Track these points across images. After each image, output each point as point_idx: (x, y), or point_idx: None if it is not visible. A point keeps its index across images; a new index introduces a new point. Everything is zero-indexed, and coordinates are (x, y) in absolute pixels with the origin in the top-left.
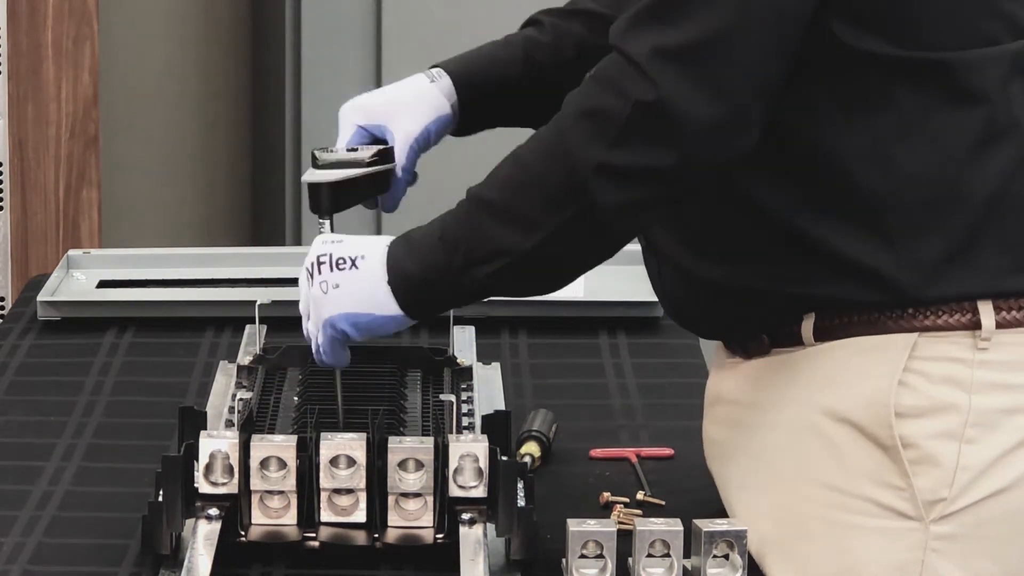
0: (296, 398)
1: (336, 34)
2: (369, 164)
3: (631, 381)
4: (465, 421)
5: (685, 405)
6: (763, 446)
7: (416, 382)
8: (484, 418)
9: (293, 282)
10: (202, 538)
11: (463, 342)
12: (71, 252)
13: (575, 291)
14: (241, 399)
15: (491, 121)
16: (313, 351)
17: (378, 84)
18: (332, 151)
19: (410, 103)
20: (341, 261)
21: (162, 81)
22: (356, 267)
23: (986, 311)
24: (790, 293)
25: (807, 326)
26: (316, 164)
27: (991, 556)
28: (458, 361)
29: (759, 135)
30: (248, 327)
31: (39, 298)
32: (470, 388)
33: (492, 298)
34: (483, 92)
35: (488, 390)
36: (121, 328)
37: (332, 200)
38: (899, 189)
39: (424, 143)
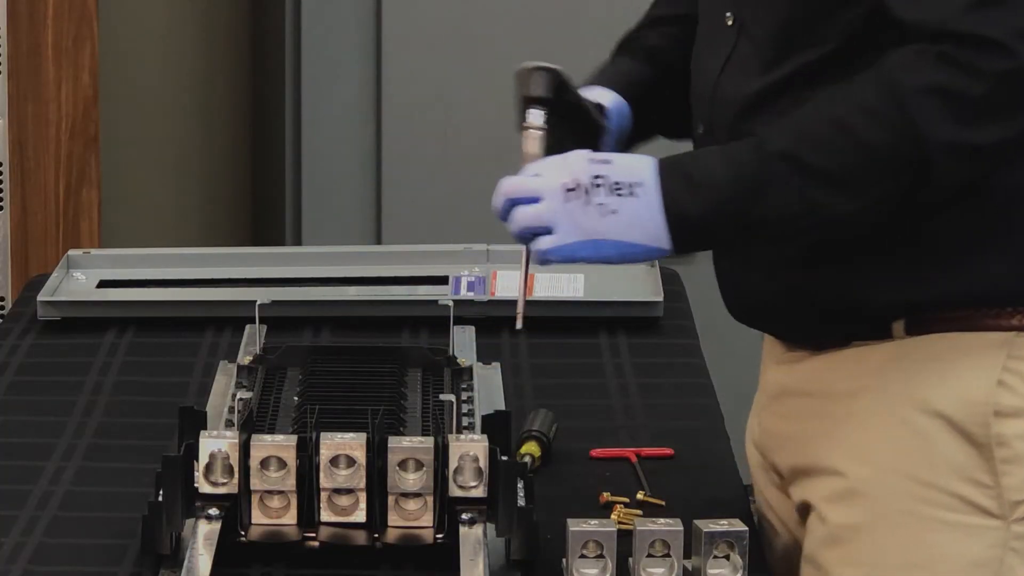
0: (296, 398)
1: (336, 34)
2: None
3: (631, 381)
4: (465, 421)
5: (685, 405)
6: (844, 436)
7: (416, 382)
8: (484, 418)
9: (293, 282)
10: (202, 538)
11: (463, 342)
12: (71, 252)
13: (575, 291)
14: (241, 399)
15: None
16: (533, 252)
17: (378, 84)
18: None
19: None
20: (618, 186)
21: (162, 81)
22: (633, 195)
23: None
24: (895, 299)
25: (899, 322)
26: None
27: None
28: (458, 361)
29: None
30: (248, 327)
31: (39, 298)
32: (470, 388)
33: (497, 297)
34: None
35: (488, 390)
36: (121, 328)
37: (550, 89)
38: None
39: (618, 133)
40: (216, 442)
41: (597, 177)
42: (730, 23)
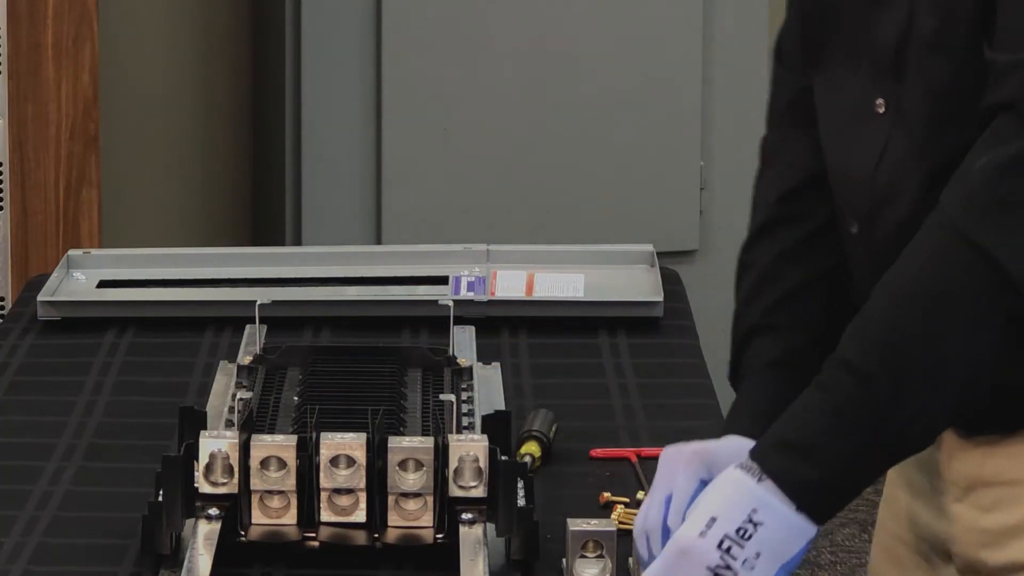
0: (296, 398)
1: (336, 34)
2: None
3: (631, 381)
4: (465, 421)
5: (685, 405)
6: None
7: (416, 382)
8: (484, 418)
9: (293, 282)
10: (202, 538)
11: (463, 342)
12: (71, 252)
13: (575, 291)
14: (241, 399)
15: None
16: None
17: (378, 84)
18: None
19: None
20: (742, 532)
21: (162, 81)
22: (761, 523)
23: None
24: None
25: None
26: None
27: None
28: (458, 361)
29: None
30: (248, 327)
31: (39, 298)
32: (470, 388)
33: (497, 297)
34: None
35: (488, 390)
36: (121, 328)
37: None
38: None
39: None
40: (216, 442)
41: (726, 548)
42: (882, 111)
